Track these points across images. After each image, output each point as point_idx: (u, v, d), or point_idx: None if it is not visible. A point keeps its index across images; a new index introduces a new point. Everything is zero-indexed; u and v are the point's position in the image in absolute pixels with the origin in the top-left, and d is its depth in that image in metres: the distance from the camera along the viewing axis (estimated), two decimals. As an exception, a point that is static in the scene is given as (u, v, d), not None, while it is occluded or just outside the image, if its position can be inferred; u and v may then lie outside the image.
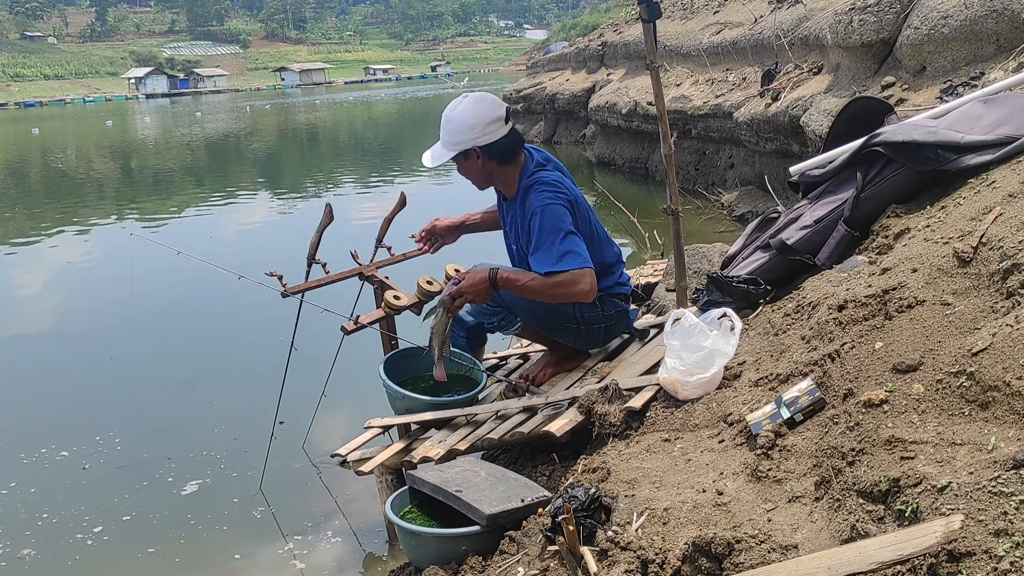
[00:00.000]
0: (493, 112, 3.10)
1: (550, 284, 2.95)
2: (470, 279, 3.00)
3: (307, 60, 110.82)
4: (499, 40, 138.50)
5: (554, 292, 2.97)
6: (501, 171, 3.16)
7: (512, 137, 3.14)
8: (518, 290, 3.02)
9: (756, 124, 8.08)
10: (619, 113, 12.80)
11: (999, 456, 1.57)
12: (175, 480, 4.06)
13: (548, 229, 2.98)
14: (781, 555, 1.70)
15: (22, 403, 5.32)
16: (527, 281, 2.99)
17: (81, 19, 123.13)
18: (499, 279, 2.98)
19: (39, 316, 7.33)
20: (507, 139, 3.11)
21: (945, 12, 5.02)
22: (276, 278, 3.55)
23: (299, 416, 4.25)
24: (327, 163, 20.39)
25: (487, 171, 3.16)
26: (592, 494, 2.12)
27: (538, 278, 2.97)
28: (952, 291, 2.21)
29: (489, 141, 3.08)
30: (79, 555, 3.51)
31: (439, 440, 3.03)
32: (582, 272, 2.94)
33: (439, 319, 3.04)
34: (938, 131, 3.09)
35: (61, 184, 17.99)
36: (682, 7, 13.03)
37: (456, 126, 3.08)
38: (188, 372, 5.67)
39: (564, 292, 2.96)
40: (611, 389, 2.79)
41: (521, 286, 3.00)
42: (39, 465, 4.31)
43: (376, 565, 3.32)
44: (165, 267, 7.59)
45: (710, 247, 4.49)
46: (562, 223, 2.98)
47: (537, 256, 2.99)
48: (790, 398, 2.22)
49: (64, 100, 77.42)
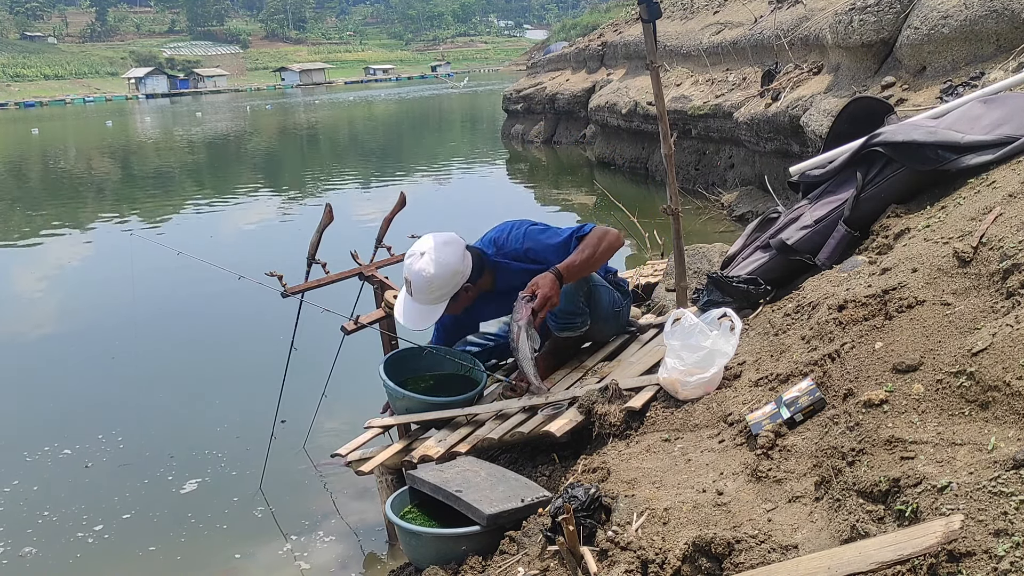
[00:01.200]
0: (458, 250, 3.20)
1: (593, 241, 3.09)
2: (544, 288, 2.98)
3: (307, 60, 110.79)
4: (499, 40, 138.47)
5: (602, 246, 3.11)
6: (482, 282, 3.28)
7: (476, 254, 3.26)
8: (580, 268, 3.08)
9: (756, 124, 8.08)
10: (619, 113, 12.80)
11: (999, 456, 1.57)
12: (176, 479, 4.07)
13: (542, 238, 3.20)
14: (781, 555, 1.70)
15: (25, 402, 5.33)
16: (580, 256, 3.07)
17: (81, 19, 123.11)
18: (563, 272, 3.04)
19: (41, 316, 7.33)
20: (476, 259, 3.24)
21: (945, 12, 5.02)
22: (276, 278, 3.55)
23: (301, 415, 4.26)
24: (327, 163, 20.39)
25: (475, 293, 3.29)
26: (592, 494, 2.12)
27: (583, 247, 3.08)
28: (952, 291, 2.21)
29: (469, 270, 3.20)
30: (80, 553, 3.52)
31: (439, 440, 3.03)
32: (600, 226, 3.16)
33: (523, 342, 2.96)
34: (938, 131, 3.09)
35: (61, 184, 18.00)
36: (682, 7, 13.03)
37: (439, 282, 3.15)
38: (190, 371, 5.68)
39: (605, 244, 3.11)
40: (611, 389, 2.79)
41: (580, 263, 3.07)
42: (42, 463, 4.32)
43: (376, 565, 3.32)
44: (166, 267, 7.59)
45: (710, 247, 4.49)
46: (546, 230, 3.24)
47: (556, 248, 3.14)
48: (790, 398, 2.22)
49: (64, 100, 77.40)
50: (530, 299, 2.96)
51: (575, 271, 3.06)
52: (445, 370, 3.46)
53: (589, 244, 3.09)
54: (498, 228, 3.38)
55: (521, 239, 3.24)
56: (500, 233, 3.32)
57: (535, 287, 2.97)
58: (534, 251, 3.22)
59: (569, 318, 3.26)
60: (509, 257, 3.28)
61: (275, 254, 8.15)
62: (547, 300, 2.96)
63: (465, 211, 11.54)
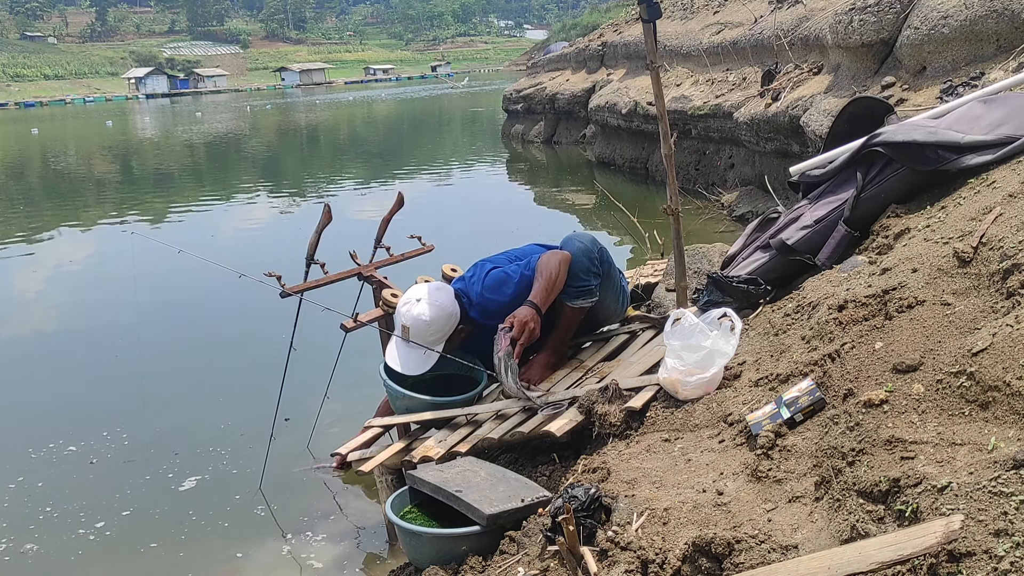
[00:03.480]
0: (448, 296, 3.37)
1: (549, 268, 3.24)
2: (521, 316, 3.15)
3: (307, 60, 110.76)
4: (499, 40, 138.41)
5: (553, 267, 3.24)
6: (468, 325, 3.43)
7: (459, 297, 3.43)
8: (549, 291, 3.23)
9: (756, 124, 8.08)
10: (619, 113, 12.80)
11: (999, 456, 1.56)
12: (179, 476, 4.07)
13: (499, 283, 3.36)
14: (781, 555, 1.70)
15: (29, 399, 5.34)
16: (546, 283, 3.22)
17: (81, 19, 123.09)
18: (539, 304, 3.20)
19: (43, 315, 7.33)
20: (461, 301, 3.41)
21: (945, 12, 5.02)
22: (275, 279, 3.55)
23: (302, 415, 4.26)
24: (327, 163, 20.39)
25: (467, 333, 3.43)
26: (592, 494, 2.12)
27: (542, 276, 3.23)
28: (952, 291, 2.21)
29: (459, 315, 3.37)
30: (82, 550, 3.52)
31: (439, 440, 3.03)
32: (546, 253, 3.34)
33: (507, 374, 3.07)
34: (938, 131, 3.09)
35: (61, 184, 17.99)
36: (682, 7, 13.03)
37: (435, 326, 3.30)
38: (192, 370, 5.68)
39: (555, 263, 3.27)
40: (611, 389, 2.79)
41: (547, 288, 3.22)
42: (47, 460, 4.33)
43: (376, 565, 3.32)
44: (166, 266, 7.60)
45: (710, 247, 4.48)
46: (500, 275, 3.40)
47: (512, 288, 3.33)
48: (790, 398, 2.22)
49: (64, 100, 77.38)
50: (509, 330, 3.07)
51: (544, 298, 3.22)
52: (445, 370, 3.46)
53: (545, 268, 3.25)
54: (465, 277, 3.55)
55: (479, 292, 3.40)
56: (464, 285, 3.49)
57: (513, 318, 3.12)
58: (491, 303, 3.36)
59: (584, 279, 3.32)
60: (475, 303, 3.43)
61: (276, 253, 8.15)
62: (525, 327, 3.11)
63: (465, 211, 11.52)
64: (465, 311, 3.40)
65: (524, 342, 3.11)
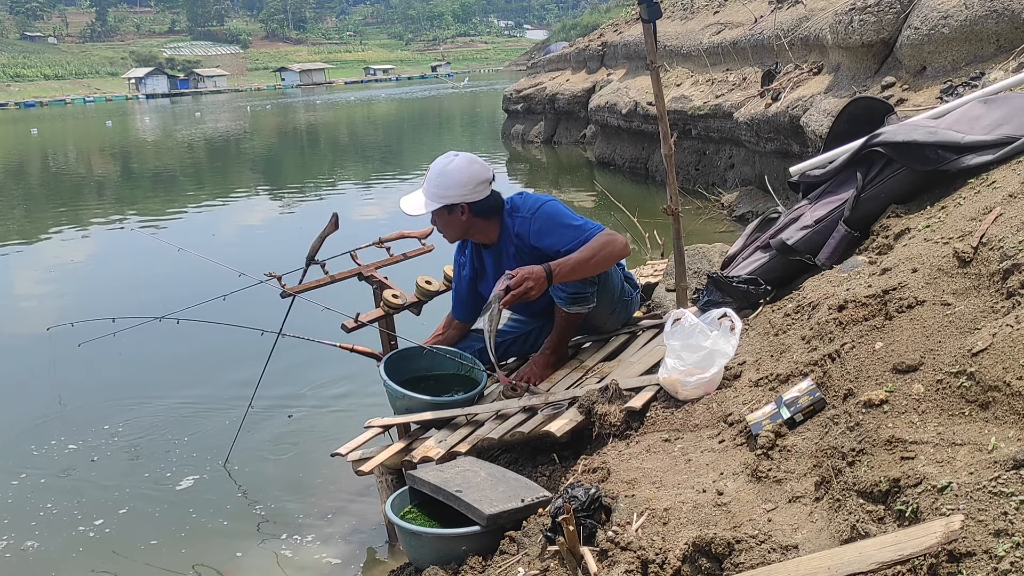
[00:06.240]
0: (483, 173, 3.26)
1: (595, 247, 3.09)
2: (525, 273, 2.99)
3: (307, 60, 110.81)
4: (499, 40, 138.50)
5: (601, 253, 3.10)
6: (483, 224, 3.33)
7: (495, 197, 3.33)
8: (571, 270, 3.08)
9: (756, 124, 8.09)
10: (619, 113, 12.80)
11: (999, 456, 1.56)
12: (180, 474, 4.08)
13: (556, 221, 3.20)
14: (781, 555, 1.70)
15: (31, 398, 5.34)
16: (576, 258, 3.07)
17: (81, 19, 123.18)
18: (554, 271, 3.04)
19: (45, 314, 7.33)
20: (491, 199, 3.30)
21: (945, 12, 5.02)
22: (275, 279, 3.55)
23: (304, 414, 4.27)
24: (327, 163, 20.39)
25: (467, 225, 3.32)
26: (592, 494, 2.12)
27: (582, 250, 3.09)
28: (952, 291, 2.21)
29: (475, 199, 3.25)
30: (83, 547, 3.52)
31: (439, 440, 3.03)
32: (607, 232, 3.15)
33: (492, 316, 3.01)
34: (938, 131, 3.09)
35: (61, 184, 18.00)
36: (682, 7, 13.03)
37: (448, 180, 3.22)
38: (194, 369, 5.68)
39: (608, 251, 3.11)
40: (611, 389, 2.79)
41: (573, 265, 3.07)
42: (48, 457, 4.34)
43: (376, 565, 3.32)
44: (167, 266, 7.60)
45: (710, 247, 4.48)
46: (563, 214, 3.24)
47: (562, 239, 3.15)
48: (790, 398, 2.22)
49: (64, 100, 77.43)
50: (510, 278, 3.00)
51: (566, 272, 3.07)
52: (445, 370, 3.46)
53: (589, 247, 3.10)
54: (521, 195, 3.41)
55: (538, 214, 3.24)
56: (521, 199, 3.36)
57: (520, 272, 3.01)
58: (539, 233, 3.22)
59: (580, 287, 3.24)
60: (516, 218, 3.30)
61: (276, 252, 8.16)
62: (523, 283, 2.97)
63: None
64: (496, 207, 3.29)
65: (516, 294, 3.01)
